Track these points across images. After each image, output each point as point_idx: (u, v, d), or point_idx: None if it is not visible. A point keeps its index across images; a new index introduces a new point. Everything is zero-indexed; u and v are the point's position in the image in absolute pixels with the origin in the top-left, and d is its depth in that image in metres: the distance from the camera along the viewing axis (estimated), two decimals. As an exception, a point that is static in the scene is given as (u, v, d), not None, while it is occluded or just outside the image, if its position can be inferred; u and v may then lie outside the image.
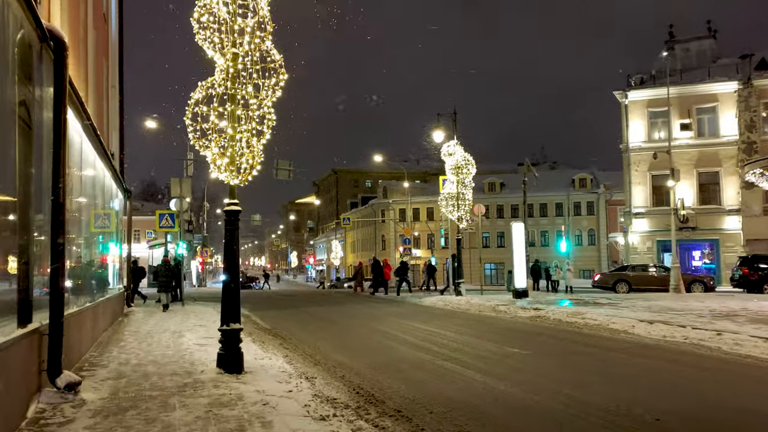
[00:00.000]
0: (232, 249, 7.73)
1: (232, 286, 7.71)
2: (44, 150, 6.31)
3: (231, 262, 7.76)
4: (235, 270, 7.80)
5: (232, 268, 7.76)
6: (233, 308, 7.70)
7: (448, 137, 23.11)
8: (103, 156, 11.94)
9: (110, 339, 11.17)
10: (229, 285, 7.71)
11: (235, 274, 7.78)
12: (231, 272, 7.75)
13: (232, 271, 7.75)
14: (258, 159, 7.77)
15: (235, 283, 7.75)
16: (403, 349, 10.25)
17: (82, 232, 9.84)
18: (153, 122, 35.52)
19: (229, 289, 7.71)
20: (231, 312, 7.68)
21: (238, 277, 7.88)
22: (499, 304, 18.02)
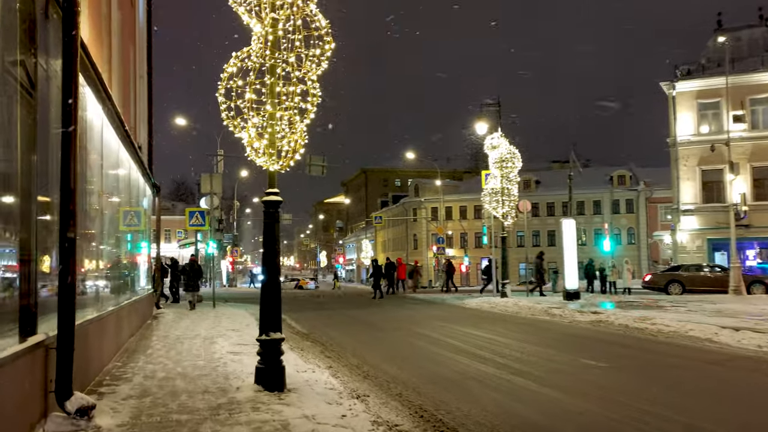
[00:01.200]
0: (271, 246, 6.65)
1: (271, 289, 6.64)
2: (51, 126, 5.30)
3: (270, 261, 6.68)
4: (275, 270, 6.72)
5: (271, 269, 6.68)
6: (273, 315, 6.62)
7: (491, 129, 21.86)
8: (129, 146, 11.00)
9: (137, 345, 10.21)
10: (269, 288, 6.64)
11: (274, 275, 6.71)
12: (270, 273, 6.68)
13: (271, 272, 6.68)
14: (301, 141, 6.69)
15: (274, 285, 6.67)
16: (461, 359, 9.08)
17: (104, 228, 8.88)
18: (182, 119, 34.90)
19: (269, 293, 6.63)
20: (271, 319, 6.60)
21: (279, 279, 6.80)
22: (550, 306, 16.74)
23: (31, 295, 4.69)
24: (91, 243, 7.75)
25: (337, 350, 10.40)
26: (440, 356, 9.50)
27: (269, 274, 6.67)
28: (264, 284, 6.69)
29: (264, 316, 6.63)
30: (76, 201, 5.09)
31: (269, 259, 6.68)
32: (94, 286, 7.92)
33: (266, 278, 6.67)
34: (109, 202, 9.33)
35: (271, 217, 6.67)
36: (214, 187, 18.96)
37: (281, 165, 6.68)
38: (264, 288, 6.68)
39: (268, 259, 6.68)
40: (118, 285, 10.60)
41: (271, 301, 6.63)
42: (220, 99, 6.67)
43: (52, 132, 5.29)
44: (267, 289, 6.65)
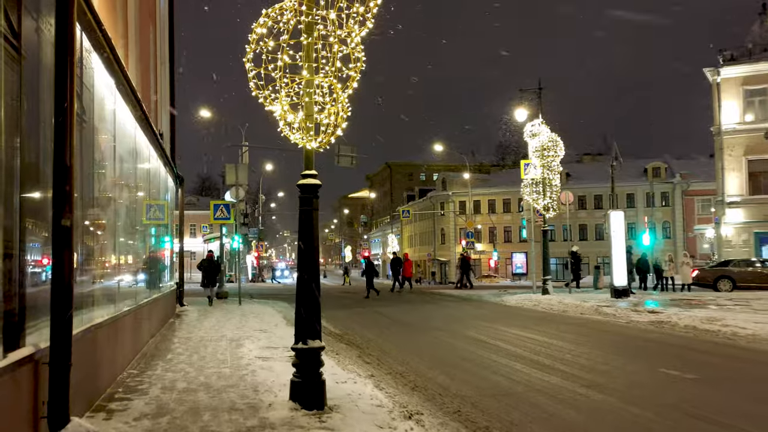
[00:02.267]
0: (309, 239, 5.63)
1: (309, 289, 5.61)
2: (44, 92, 4.32)
3: (308, 255, 5.66)
4: (313, 267, 5.69)
5: (309, 264, 5.66)
6: (311, 319, 5.60)
7: (532, 116, 20.61)
8: (148, 131, 10.07)
9: (156, 349, 9.30)
10: (306, 288, 5.62)
11: (313, 272, 5.68)
12: (308, 269, 5.66)
13: (309, 268, 5.66)
14: (344, 114, 5.64)
15: (313, 285, 5.65)
16: (519, 366, 7.99)
17: (119, 219, 7.94)
18: (207, 111, 34.17)
19: (306, 294, 5.61)
20: (308, 324, 5.58)
21: (318, 277, 5.78)
22: (599, 304, 15.53)
23: (13, 299, 3.72)
24: (102, 235, 6.81)
25: (376, 355, 9.37)
26: (493, 363, 8.41)
27: (306, 272, 5.65)
28: (301, 283, 5.66)
29: (300, 320, 5.62)
30: (73, 181, 4.10)
31: (306, 253, 5.65)
32: (107, 284, 6.98)
33: (304, 276, 5.65)
34: (125, 191, 8.40)
35: (308, 203, 5.65)
36: (239, 178, 18.03)
37: (320, 142, 5.65)
38: (300, 288, 5.65)
39: (304, 254, 5.66)
40: (138, 282, 9.71)
41: (309, 303, 5.61)
42: (247, 66, 5.66)
43: (45, 98, 4.31)
44: (304, 289, 5.62)
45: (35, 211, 4.29)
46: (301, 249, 5.66)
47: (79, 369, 4.97)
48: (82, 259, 5.62)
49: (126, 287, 8.41)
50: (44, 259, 4.56)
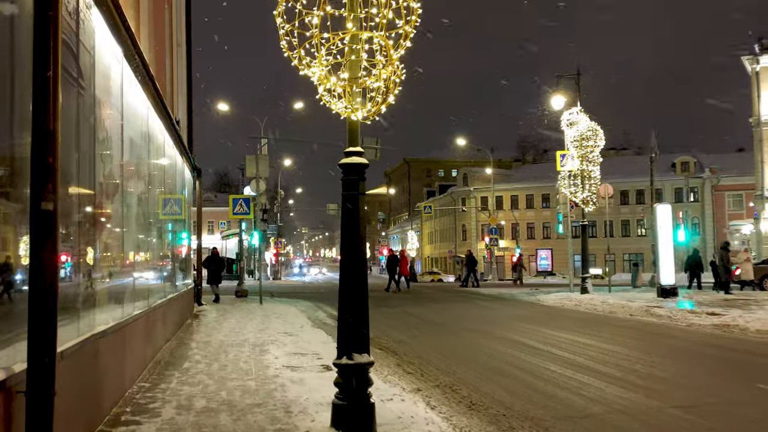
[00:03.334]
0: (353, 230, 4.61)
1: (355, 291, 4.59)
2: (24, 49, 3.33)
3: (352, 250, 4.64)
4: (360, 263, 4.67)
5: (353, 261, 4.64)
6: (358, 328, 4.58)
7: (569, 104, 19.43)
8: (163, 113, 9.12)
9: (172, 355, 8.34)
10: (352, 289, 4.60)
11: (359, 269, 4.66)
12: (353, 266, 4.64)
13: (354, 265, 4.64)
14: (398, 77, 4.61)
15: (359, 284, 4.63)
16: (588, 380, 6.91)
17: (129, 210, 6.98)
18: (225, 105, 33.38)
19: (352, 297, 4.59)
20: (355, 334, 4.57)
21: (366, 276, 4.75)
22: (648, 305, 14.38)
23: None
24: (108, 227, 5.84)
25: (416, 363, 8.33)
26: (554, 374, 7.34)
27: (351, 270, 4.62)
28: (345, 284, 4.64)
29: (345, 329, 4.60)
30: (57, 151, 3.11)
31: (350, 248, 4.63)
32: (114, 284, 6.01)
33: (348, 275, 4.63)
34: (136, 179, 7.44)
35: (352, 187, 4.63)
36: (260, 170, 17.08)
37: (368, 112, 4.62)
38: (345, 290, 4.63)
39: (349, 249, 4.64)
40: (151, 281, 8.76)
41: (355, 308, 4.59)
42: (278, 21, 4.65)
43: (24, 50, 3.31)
44: (349, 291, 4.61)
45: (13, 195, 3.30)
46: (345, 243, 4.64)
47: (75, 389, 4.01)
48: (79, 254, 4.65)
49: (138, 287, 7.46)
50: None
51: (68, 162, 4.32)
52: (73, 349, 4.06)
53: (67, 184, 4.31)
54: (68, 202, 4.34)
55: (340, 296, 4.66)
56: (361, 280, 4.61)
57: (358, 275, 4.61)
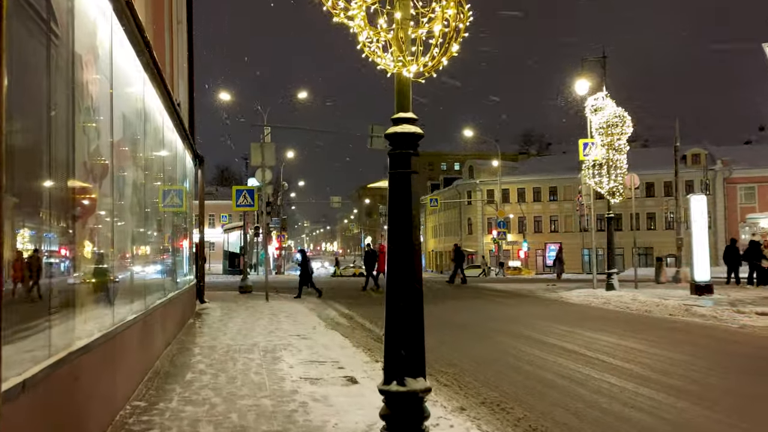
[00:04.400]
0: (405, 215, 3.59)
1: (408, 294, 3.57)
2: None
3: (403, 242, 3.61)
4: (413, 259, 3.64)
5: (404, 256, 3.61)
6: (412, 345, 3.57)
7: (594, 89, 18.34)
8: (160, 88, 8.08)
9: (172, 364, 7.34)
10: (403, 292, 3.57)
11: (411, 267, 3.63)
12: (404, 263, 3.61)
13: (405, 262, 3.61)
14: (462, 21, 3.57)
15: (412, 287, 3.60)
16: (662, 398, 5.89)
17: (121, 197, 5.96)
18: (227, 94, 32.39)
19: (403, 303, 3.57)
20: (408, 353, 3.56)
21: (421, 275, 3.73)
22: (684, 303, 13.36)
23: None
24: (93, 214, 4.82)
25: (450, 372, 7.32)
26: (613, 387, 6.33)
27: (402, 268, 3.60)
28: (394, 287, 3.62)
29: (394, 346, 3.59)
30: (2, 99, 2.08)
31: (401, 241, 3.61)
32: (101, 286, 4.99)
33: (398, 275, 3.60)
34: (130, 161, 6.41)
35: (402, 163, 3.61)
36: (266, 159, 16.03)
37: (424, 66, 3.59)
38: (394, 294, 3.61)
39: (398, 242, 3.62)
40: (149, 279, 7.75)
41: (408, 319, 3.57)
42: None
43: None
44: (399, 296, 3.59)
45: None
46: (394, 235, 3.62)
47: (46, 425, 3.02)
48: (49, 246, 3.64)
49: (133, 286, 6.45)
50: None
51: (33, 131, 3.31)
52: (41, 375, 3.06)
53: (33, 160, 3.30)
54: (35, 184, 3.33)
55: (388, 303, 3.64)
56: (414, 284, 3.59)
57: (411, 277, 3.59)
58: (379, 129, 21.12)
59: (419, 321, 3.59)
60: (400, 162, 3.59)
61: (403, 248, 3.58)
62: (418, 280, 3.59)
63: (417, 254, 3.60)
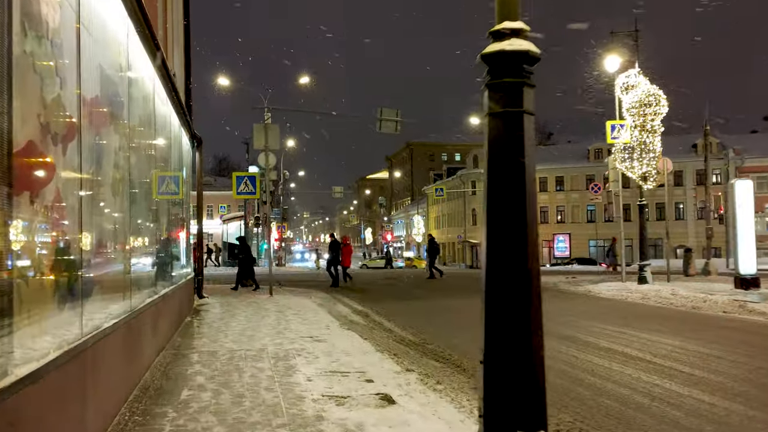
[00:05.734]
0: (516, 179, 2.31)
1: (519, 306, 2.29)
2: None
3: (512, 218, 2.32)
4: (525, 242, 2.36)
5: (514, 238, 2.33)
6: (526, 381, 2.28)
7: (625, 65, 17.00)
8: (151, 48, 6.77)
9: (165, 375, 6.07)
10: (512, 294, 2.30)
11: (523, 255, 2.34)
12: (513, 249, 2.32)
13: (514, 247, 2.32)
14: None
15: (524, 296, 2.32)
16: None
17: (101, 172, 4.68)
18: (225, 79, 31.07)
19: (512, 318, 2.29)
20: (519, 393, 2.27)
21: (538, 269, 2.44)
22: (734, 298, 12.15)
23: None
24: (56, 191, 3.54)
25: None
26: (714, 408, 5.10)
27: (510, 257, 2.32)
28: (495, 293, 2.35)
29: (498, 380, 2.32)
30: None
31: (509, 215, 2.33)
32: (67, 285, 3.72)
33: (504, 268, 2.32)
34: (109, 126, 5.11)
35: (510, 98, 2.32)
36: (270, 141, 14.72)
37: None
38: (495, 304, 2.34)
39: (504, 217, 2.34)
40: (137, 274, 6.47)
41: (519, 341, 2.30)
42: None
43: None
44: (506, 307, 2.31)
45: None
46: (495, 208, 2.34)
47: None
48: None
49: (114, 283, 5.18)
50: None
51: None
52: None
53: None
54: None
55: (487, 317, 2.37)
56: (529, 282, 2.31)
57: (523, 274, 2.31)
58: (389, 112, 19.86)
59: (536, 340, 2.32)
60: (507, 96, 2.31)
61: (512, 231, 2.30)
62: (535, 275, 2.32)
63: (534, 242, 2.33)
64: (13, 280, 2.79)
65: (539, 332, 2.35)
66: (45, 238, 3.43)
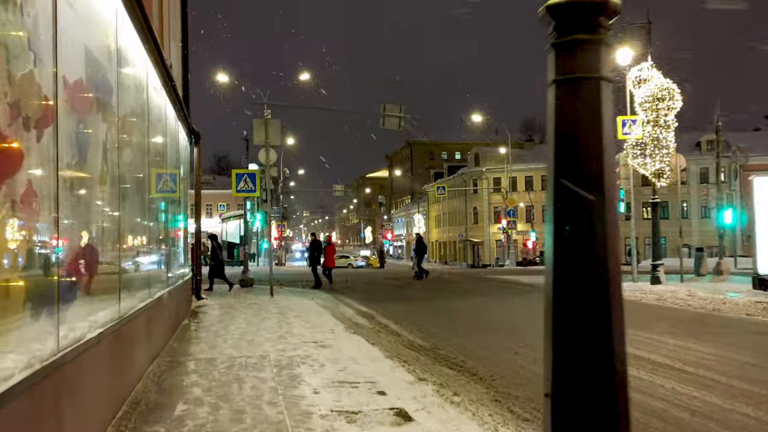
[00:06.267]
0: (591, 162, 1.80)
1: (599, 307, 1.78)
2: None
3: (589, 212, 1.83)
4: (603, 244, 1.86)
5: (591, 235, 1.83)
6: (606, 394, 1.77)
7: (637, 59, 16.49)
8: (144, 32, 6.28)
9: (159, 387, 5.58)
10: (590, 304, 1.79)
11: (601, 262, 1.84)
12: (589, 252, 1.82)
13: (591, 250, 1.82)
14: None
15: (601, 295, 1.81)
16: None
17: (83, 157, 4.19)
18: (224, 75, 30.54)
19: (590, 319, 1.79)
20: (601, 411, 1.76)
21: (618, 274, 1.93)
22: (756, 300, 11.67)
23: None
24: (23, 182, 3.05)
25: (522, 397, 5.58)
26: (760, 425, 4.61)
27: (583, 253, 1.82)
28: (564, 298, 1.84)
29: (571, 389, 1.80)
30: None
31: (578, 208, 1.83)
32: (33, 290, 3.23)
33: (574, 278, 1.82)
34: (90, 109, 4.62)
35: (582, 59, 1.81)
36: (270, 137, 14.21)
37: None
38: (565, 313, 1.83)
39: (572, 210, 1.84)
40: (129, 276, 5.98)
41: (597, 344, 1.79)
42: None
43: None
44: (578, 319, 1.80)
45: None
46: (564, 195, 1.85)
47: None
48: None
49: (100, 286, 4.69)
50: None
51: None
52: None
53: None
54: None
55: (556, 336, 1.86)
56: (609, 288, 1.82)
57: (601, 284, 1.81)
58: (393, 108, 19.35)
59: (620, 367, 1.83)
60: (579, 58, 1.81)
61: (586, 224, 1.81)
62: (616, 278, 1.82)
63: (615, 236, 1.84)
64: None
65: (622, 356, 1.86)
66: (12, 235, 2.94)
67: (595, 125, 1.85)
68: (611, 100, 1.89)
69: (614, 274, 1.84)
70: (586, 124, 1.85)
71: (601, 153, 1.85)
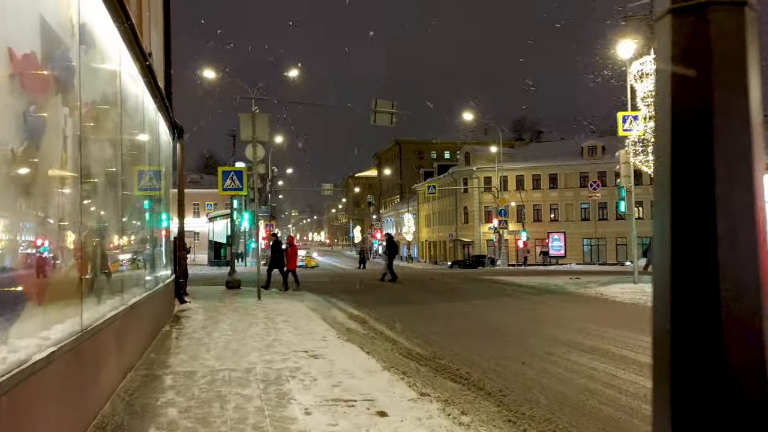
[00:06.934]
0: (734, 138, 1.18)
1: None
2: None
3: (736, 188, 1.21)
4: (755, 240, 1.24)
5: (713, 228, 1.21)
6: None
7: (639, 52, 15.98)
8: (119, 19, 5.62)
9: (129, 408, 4.93)
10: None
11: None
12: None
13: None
14: None
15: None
16: None
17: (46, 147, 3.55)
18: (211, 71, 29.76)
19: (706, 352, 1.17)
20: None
21: None
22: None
23: None
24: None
25: (537, 418, 4.99)
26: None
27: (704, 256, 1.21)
28: (685, 317, 1.23)
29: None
30: None
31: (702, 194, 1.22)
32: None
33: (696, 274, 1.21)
34: (47, 89, 3.98)
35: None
36: (258, 132, 13.54)
37: None
38: (685, 337, 1.22)
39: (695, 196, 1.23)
40: (97, 285, 5.34)
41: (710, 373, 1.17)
42: None
43: None
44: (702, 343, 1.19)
45: None
46: (685, 175, 1.24)
47: None
48: None
49: (59, 296, 4.05)
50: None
51: None
52: None
53: None
54: None
55: (674, 369, 1.25)
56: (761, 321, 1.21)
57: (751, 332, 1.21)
58: (384, 104, 18.75)
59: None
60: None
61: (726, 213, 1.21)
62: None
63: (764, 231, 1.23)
64: None
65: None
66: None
67: (734, 76, 1.25)
68: (757, 41, 1.29)
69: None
70: (719, 74, 1.25)
71: (747, 116, 1.25)
